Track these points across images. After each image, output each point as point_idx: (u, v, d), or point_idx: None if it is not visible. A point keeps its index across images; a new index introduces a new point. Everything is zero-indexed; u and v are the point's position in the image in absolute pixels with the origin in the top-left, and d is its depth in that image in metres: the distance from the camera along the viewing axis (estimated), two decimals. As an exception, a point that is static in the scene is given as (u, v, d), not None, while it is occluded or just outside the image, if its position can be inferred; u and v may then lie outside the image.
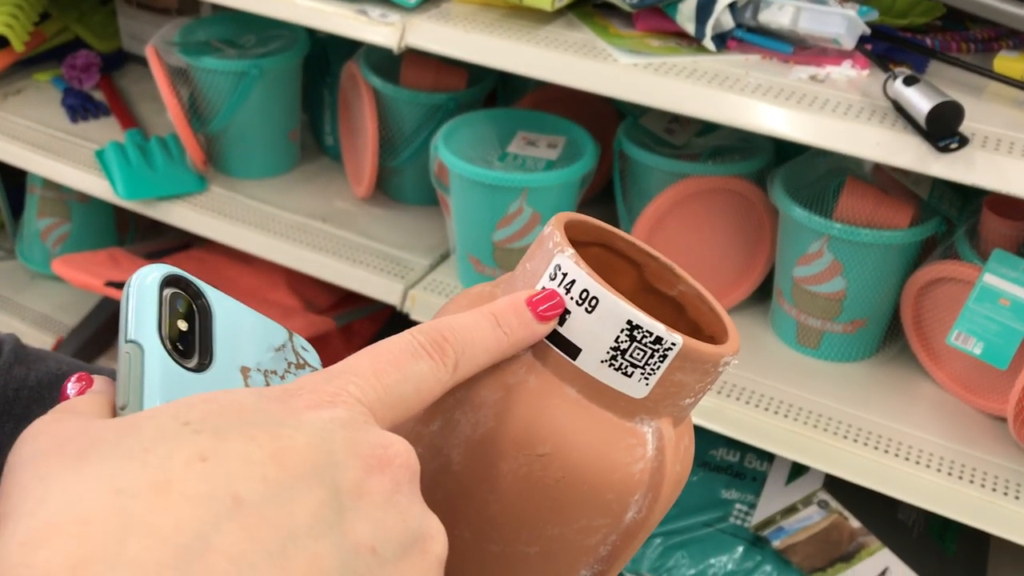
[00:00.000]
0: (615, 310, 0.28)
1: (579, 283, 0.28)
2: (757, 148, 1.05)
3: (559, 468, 0.28)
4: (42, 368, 0.42)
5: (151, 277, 0.27)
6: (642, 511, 0.29)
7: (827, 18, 0.87)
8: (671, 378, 0.29)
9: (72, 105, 1.40)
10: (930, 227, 0.94)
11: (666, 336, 0.28)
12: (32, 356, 0.42)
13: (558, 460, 0.28)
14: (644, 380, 0.28)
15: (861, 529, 1.04)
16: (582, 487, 0.28)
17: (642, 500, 0.29)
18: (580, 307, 0.28)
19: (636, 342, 0.28)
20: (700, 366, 0.29)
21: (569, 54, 0.89)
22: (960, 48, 0.93)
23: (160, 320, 0.26)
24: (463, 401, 0.29)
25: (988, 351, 0.87)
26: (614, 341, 0.28)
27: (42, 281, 1.55)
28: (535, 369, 0.29)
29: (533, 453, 0.28)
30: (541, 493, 0.28)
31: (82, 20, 1.51)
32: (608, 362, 0.28)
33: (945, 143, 0.76)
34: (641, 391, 0.29)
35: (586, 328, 0.28)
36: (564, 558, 0.29)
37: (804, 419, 0.94)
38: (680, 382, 0.29)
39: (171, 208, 1.22)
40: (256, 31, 1.28)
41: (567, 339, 0.29)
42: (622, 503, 0.29)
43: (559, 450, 0.28)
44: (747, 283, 1.07)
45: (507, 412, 0.29)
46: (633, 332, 0.28)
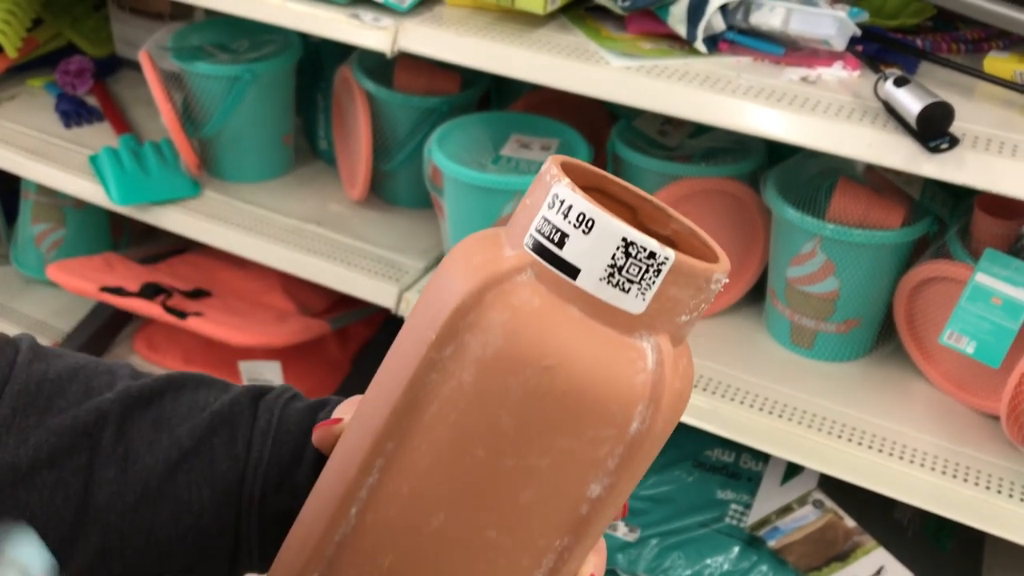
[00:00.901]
0: (610, 229, 0.30)
1: (576, 208, 0.30)
2: (750, 149, 1.05)
3: (565, 379, 0.30)
4: (60, 363, 0.43)
5: None
6: (646, 422, 0.30)
7: (818, 20, 0.87)
8: (666, 293, 0.30)
9: (66, 111, 1.40)
10: (922, 227, 0.94)
11: (659, 251, 0.30)
12: (49, 353, 0.44)
13: (563, 372, 0.30)
14: (641, 296, 0.30)
15: (856, 528, 1.04)
16: (588, 397, 0.30)
17: (645, 411, 0.30)
18: (577, 230, 0.30)
19: (632, 258, 0.30)
20: (693, 281, 0.30)
21: (561, 57, 0.90)
22: (950, 49, 0.94)
23: None
24: (473, 325, 0.31)
25: (981, 350, 0.87)
26: (611, 259, 0.30)
27: (37, 287, 1.55)
28: (539, 292, 0.31)
29: (540, 366, 0.30)
30: (550, 404, 0.30)
31: (75, 26, 1.51)
32: (606, 279, 0.30)
33: (936, 144, 0.76)
34: (638, 307, 0.30)
35: (584, 249, 0.30)
36: (575, 470, 0.31)
37: (798, 419, 0.94)
38: (675, 297, 0.31)
39: (165, 213, 1.22)
40: (249, 36, 1.28)
41: (567, 261, 0.31)
42: (626, 414, 0.30)
43: (564, 362, 0.30)
44: (741, 283, 1.08)
45: (514, 331, 0.31)
46: (628, 249, 0.30)
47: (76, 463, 0.41)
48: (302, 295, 1.37)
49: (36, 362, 0.43)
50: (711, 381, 0.98)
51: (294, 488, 0.42)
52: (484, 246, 0.33)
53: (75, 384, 0.43)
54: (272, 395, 0.45)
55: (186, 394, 0.44)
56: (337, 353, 1.42)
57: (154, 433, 0.42)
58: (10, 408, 0.41)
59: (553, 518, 0.32)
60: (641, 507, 1.19)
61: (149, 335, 1.45)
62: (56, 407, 0.42)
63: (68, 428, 0.41)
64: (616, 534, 1.17)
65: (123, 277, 1.30)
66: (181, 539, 0.42)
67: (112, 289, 1.26)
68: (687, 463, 1.21)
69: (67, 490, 0.40)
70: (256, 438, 0.43)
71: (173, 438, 0.42)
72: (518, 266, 0.31)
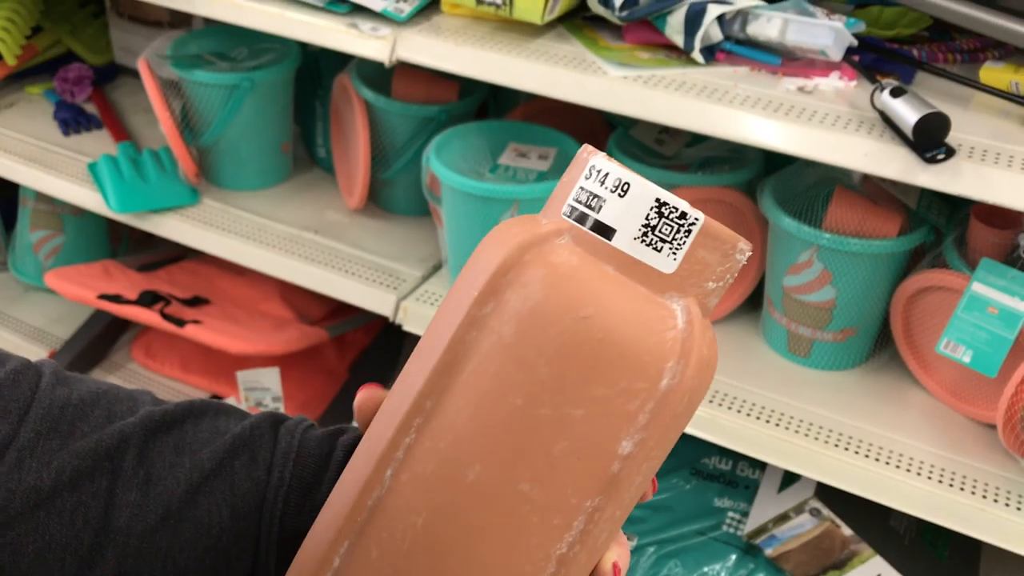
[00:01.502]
0: (645, 190, 0.32)
1: (612, 175, 0.33)
2: (747, 159, 1.05)
3: (600, 329, 0.32)
4: (82, 388, 0.44)
5: None
6: (676, 378, 0.32)
7: (814, 30, 0.88)
8: (695, 255, 0.32)
9: (64, 118, 1.41)
10: (919, 236, 0.95)
11: (690, 212, 0.32)
12: (71, 379, 0.45)
13: (599, 321, 0.32)
14: (672, 255, 0.32)
15: (853, 537, 1.04)
16: (622, 347, 0.32)
17: (675, 367, 0.32)
18: (613, 194, 0.32)
19: (664, 218, 0.32)
20: (720, 246, 0.33)
21: (559, 67, 0.90)
22: (947, 59, 0.94)
23: None
24: (513, 282, 0.33)
25: (977, 359, 0.87)
26: (644, 219, 0.32)
27: (35, 294, 1.55)
28: (576, 252, 0.33)
29: (577, 316, 0.32)
30: (586, 352, 0.32)
31: (74, 33, 1.52)
32: (640, 239, 0.32)
33: (932, 154, 0.77)
34: (670, 266, 0.32)
35: (620, 211, 0.32)
36: (607, 422, 0.32)
37: (795, 428, 0.94)
38: (703, 260, 0.33)
39: (164, 221, 1.22)
40: (248, 44, 1.29)
41: (603, 223, 0.33)
42: (657, 368, 0.32)
43: (600, 313, 0.32)
44: (737, 292, 1.08)
45: (553, 284, 0.32)
46: (661, 209, 0.32)
47: (97, 486, 0.41)
48: (300, 303, 1.37)
49: (59, 387, 0.43)
50: (708, 390, 0.98)
51: (314, 509, 0.42)
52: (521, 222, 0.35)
53: (97, 409, 0.43)
54: (291, 422, 0.46)
55: (207, 420, 0.45)
56: (335, 361, 1.42)
57: (176, 457, 0.43)
58: (34, 432, 0.41)
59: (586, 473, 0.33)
60: (638, 515, 1.19)
61: (147, 342, 1.45)
62: (79, 431, 0.42)
63: (91, 451, 0.42)
64: (613, 542, 1.17)
65: (121, 284, 1.30)
66: (199, 562, 0.42)
67: (110, 297, 1.26)
68: (684, 471, 1.21)
69: (87, 513, 0.41)
70: (277, 461, 0.43)
71: (195, 461, 0.43)
72: (557, 230, 0.33)
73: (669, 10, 0.90)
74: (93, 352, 1.45)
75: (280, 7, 1.01)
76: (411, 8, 0.97)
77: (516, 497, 0.33)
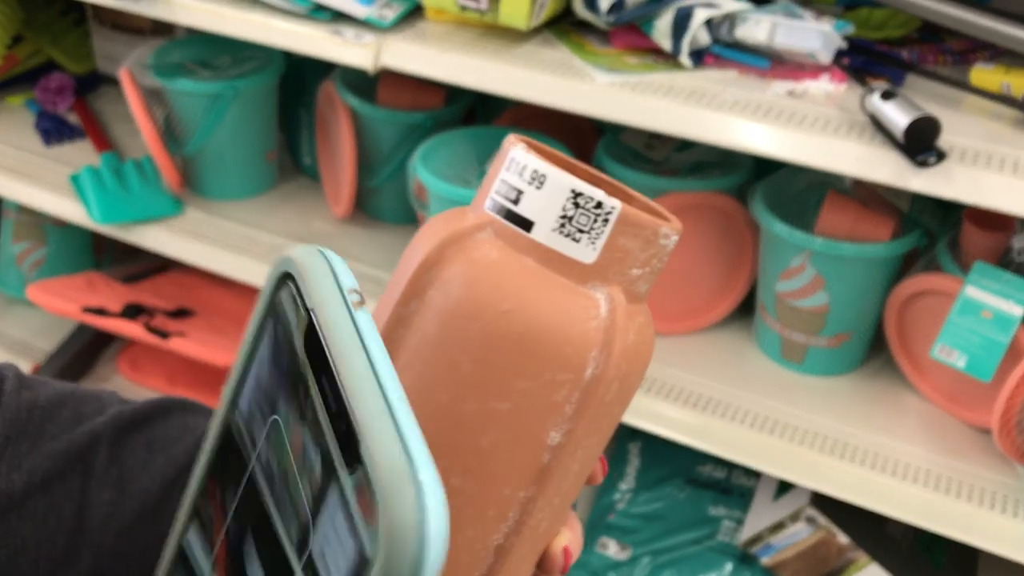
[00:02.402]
0: (561, 182, 0.32)
1: (529, 166, 0.33)
2: (737, 163, 1.04)
3: (521, 322, 0.32)
4: (48, 389, 0.44)
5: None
6: (600, 367, 0.32)
7: (803, 33, 0.87)
8: (615, 243, 0.32)
9: (46, 128, 1.39)
10: (911, 240, 0.94)
11: (606, 200, 0.32)
12: (35, 381, 0.45)
13: (520, 315, 0.32)
14: (591, 245, 0.32)
15: (849, 544, 1.03)
16: (544, 339, 0.32)
17: (599, 356, 0.32)
18: (531, 186, 0.33)
19: (581, 208, 0.32)
20: (640, 232, 0.33)
21: (546, 73, 0.89)
22: (937, 61, 0.93)
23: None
24: (435, 279, 0.33)
25: (972, 364, 0.86)
26: (562, 210, 0.32)
27: (18, 306, 1.53)
28: (496, 245, 0.33)
29: (498, 310, 0.32)
30: (508, 347, 0.32)
31: (55, 42, 1.50)
32: (558, 230, 0.32)
33: (923, 158, 0.76)
34: (590, 255, 0.32)
35: (537, 203, 0.32)
36: (533, 414, 0.32)
37: (790, 435, 0.93)
38: (624, 247, 0.33)
39: (147, 232, 1.20)
40: (231, 52, 1.27)
41: (522, 216, 0.33)
42: (581, 357, 0.32)
43: (520, 306, 0.32)
44: (730, 298, 1.07)
45: (473, 280, 0.32)
46: (577, 200, 0.32)
47: (69, 487, 0.41)
48: (287, 313, 1.35)
49: (24, 390, 0.43)
50: (701, 397, 0.97)
51: None
52: (448, 217, 0.35)
53: (65, 410, 0.43)
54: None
55: (175, 417, 0.45)
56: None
57: (148, 455, 0.43)
58: (3, 436, 0.41)
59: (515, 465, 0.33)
60: (633, 525, 1.18)
61: (133, 356, 1.43)
62: (48, 433, 0.42)
63: (62, 453, 0.41)
64: (608, 552, 1.16)
65: (105, 297, 1.29)
66: None
67: (94, 310, 1.24)
68: (679, 479, 1.20)
69: (60, 514, 0.41)
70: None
71: (169, 458, 0.43)
72: (477, 224, 0.33)
73: (656, 14, 0.89)
74: (78, 365, 1.43)
75: (263, 15, 0.99)
76: (395, 15, 0.96)
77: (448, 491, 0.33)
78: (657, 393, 0.98)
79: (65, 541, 0.41)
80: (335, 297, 0.26)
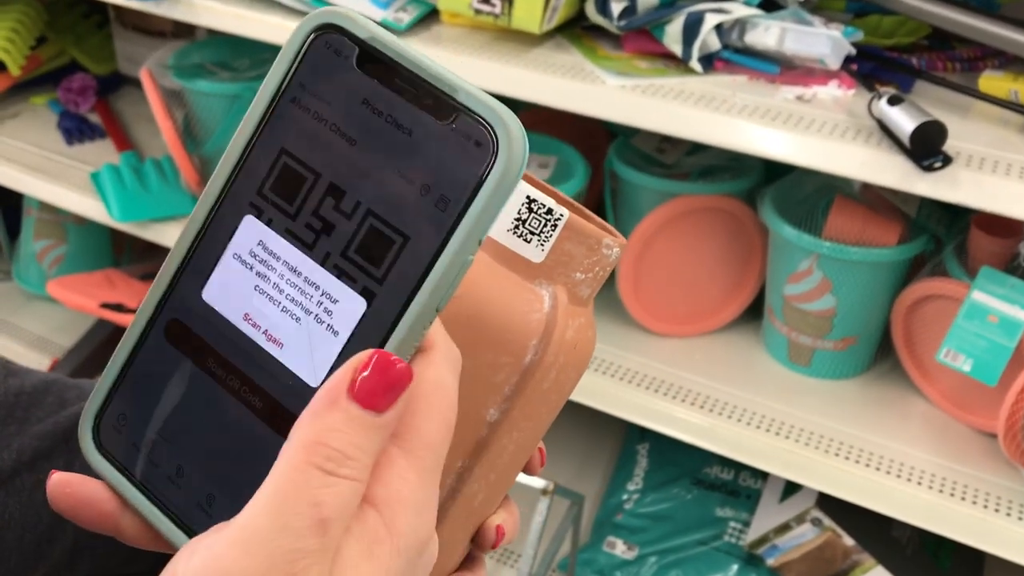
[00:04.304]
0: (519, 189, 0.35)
1: None
2: (747, 167, 1.05)
3: (470, 307, 0.35)
4: (33, 377, 0.46)
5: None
6: (538, 355, 0.35)
7: (813, 39, 0.88)
8: (562, 247, 0.36)
9: (68, 128, 1.41)
10: (919, 245, 0.95)
11: (555, 208, 0.36)
12: (19, 369, 0.47)
13: (470, 301, 0.35)
14: (540, 246, 0.36)
15: (855, 547, 1.04)
16: (490, 324, 0.35)
17: (538, 345, 0.35)
18: None
19: (533, 213, 0.36)
20: (584, 240, 0.36)
21: (558, 76, 0.90)
22: (946, 67, 0.94)
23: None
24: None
25: (977, 368, 0.87)
26: (517, 213, 0.36)
27: (38, 302, 1.56)
28: None
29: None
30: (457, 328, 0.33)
31: (78, 43, 1.52)
32: (512, 231, 0.36)
33: (929, 162, 0.77)
34: (538, 256, 0.36)
35: None
36: (475, 391, 0.35)
37: (796, 437, 0.94)
38: (569, 252, 0.36)
39: (166, 229, 1.22)
40: (250, 54, 1.29)
41: None
42: (522, 344, 0.35)
43: (471, 293, 0.35)
44: (738, 301, 1.08)
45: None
46: (531, 205, 0.36)
47: (55, 466, 0.43)
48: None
49: (11, 377, 0.45)
50: (708, 399, 0.98)
51: None
52: None
53: (50, 396, 0.46)
54: None
55: None
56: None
57: None
58: None
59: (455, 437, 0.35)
60: (640, 524, 1.19)
61: (149, 351, 1.45)
62: (34, 417, 0.44)
63: (48, 434, 0.44)
64: (615, 552, 1.17)
65: (123, 294, 1.31)
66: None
67: (112, 306, 1.26)
68: (686, 480, 1.21)
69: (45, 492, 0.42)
70: None
71: None
72: None
73: (667, 19, 0.90)
74: (96, 361, 1.45)
75: (282, 18, 1.01)
76: (410, 18, 0.98)
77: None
78: (665, 394, 0.99)
79: (50, 518, 0.42)
80: (378, 28, 0.30)
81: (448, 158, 0.29)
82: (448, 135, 0.29)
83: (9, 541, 0.42)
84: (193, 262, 0.32)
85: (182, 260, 0.32)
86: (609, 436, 1.33)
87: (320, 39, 0.31)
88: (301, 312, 0.30)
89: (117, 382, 0.32)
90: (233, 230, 0.31)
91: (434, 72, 0.29)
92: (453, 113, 0.29)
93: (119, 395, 0.32)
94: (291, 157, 0.31)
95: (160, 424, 0.31)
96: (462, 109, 0.29)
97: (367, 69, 0.30)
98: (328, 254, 0.30)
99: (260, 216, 0.31)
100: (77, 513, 0.31)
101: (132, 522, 0.31)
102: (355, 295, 0.29)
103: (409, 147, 0.29)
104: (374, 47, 0.30)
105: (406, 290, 0.29)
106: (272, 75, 0.32)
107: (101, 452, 0.32)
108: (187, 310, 0.31)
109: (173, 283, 0.32)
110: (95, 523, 0.31)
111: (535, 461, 0.39)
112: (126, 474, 0.31)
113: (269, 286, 0.30)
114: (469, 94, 0.29)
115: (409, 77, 0.29)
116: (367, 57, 0.30)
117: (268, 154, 0.31)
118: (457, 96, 0.29)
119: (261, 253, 0.31)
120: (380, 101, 0.29)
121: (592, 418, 1.13)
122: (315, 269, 0.30)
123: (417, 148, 0.29)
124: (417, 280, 0.29)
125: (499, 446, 0.36)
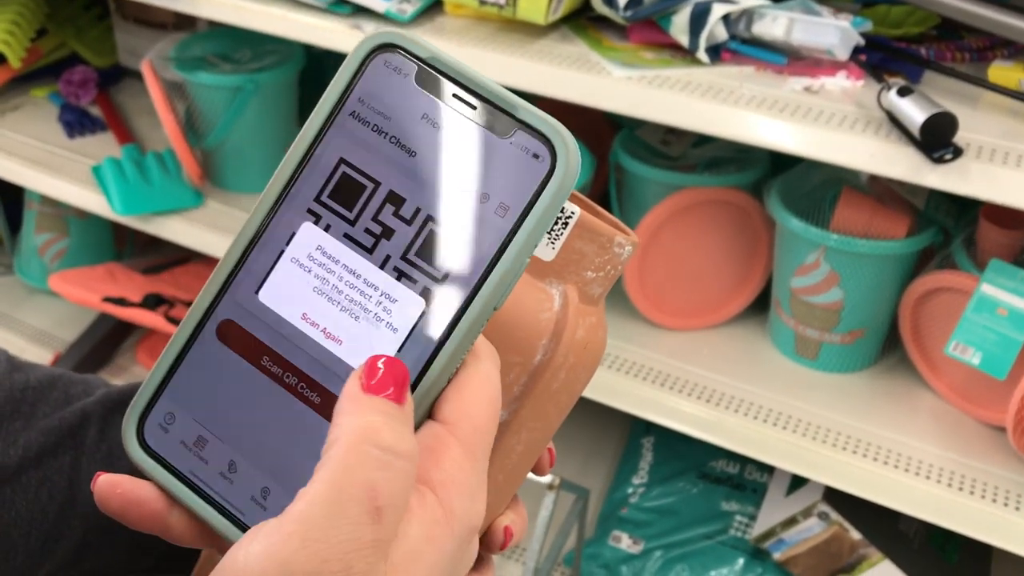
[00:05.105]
0: None
1: None
2: (753, 159, 1.04)
3: None
4: (38, 372, 0.46)
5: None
6: (548, 354, 0.35)
7: (821, 29, 0.87)
8: (572, 246, 0.36)
9: (69, 121, 1.41)
10: (927, 237, 0.94)
11: (567, 205, 0.35)
12: (25, 364, 0.47)
13: None
14: (551, 244, 0.36)
15: (862, 541, 1.03)
16: (501, 323, 0.34)
17: (548, 345, 0.35)
18: None
19: None
20: (596, 238, 0.36)
21: (563, 67, 0.89)
22: (955, 58, 0.93)
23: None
24: None
25: (986, 361, 0.86)
26: None
27: (40, 296, 1.55)
28: None
29: None
30: None
31: (79, 36, 1.51)
32: None
33: (939, 154, 0.76)
34: (549, 254, 0.36)
35: None
36: None
37: (803, 431, 0.93)
38: (581, 250, 0.36)
39: (168, 223, 1.22)
40: (251, 46, 1.28)
41: None
42: (531, 344, 0.35)
43: None
44: (745, 294, 1.07)
45: None
46: None
47: (61, 462, 0.43)
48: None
49: (16, 372, 0.45)
50: (715, 392, 0.98)
51: None
52: None
53: (55, 391, 0.45)
54: None
55: None
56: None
57: None
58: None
59: None
60: (646, 519, 1.18)
61: (152, 345, 1.45)
62: (40, 412, 0.44)
63: (54, 429, 0.44)
64: (620, 546, 1.16)
65: (125, 287, 1.30)
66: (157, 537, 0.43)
67: (114, 299, 1.26)
68: (691, 474, 1.20)
69: (52, 488, 0.42)
70: None
71: None
72: None
73: (674, 10, 0.89)
74: (98, 355, 1.45)
75: (283, 9, 1.00)
76: (414, 9, 0.97)
77: None
78: (671, 388, 0.98)
79: (57, 513, 0.42)
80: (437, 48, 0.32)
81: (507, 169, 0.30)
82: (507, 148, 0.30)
83: (16, 538, 0.42)
84: (247, 266, 0.33)
85: (235, 265, 0.33)
86: (614, 430, 1.33)
87: (379, 57, 0.32)
88: (360, 311, 0.31)
89: (164, 383, 0.33)
90: (291, 236, 0.32)
91: (493, 90, 0.31)
92: (512, 128, 0.30)
93: (167, 395, 0.33)
94: (350, 167, 0.32)
95: (212, 421, 0.32)
96: (521, 125, 0.30)
97: (426, 86, 0.31)
98: (388, 257, 0.31)
99: (318, 222, 0.32)
100: (125, 513, 0.31)
101: (179, 520, 0.31)
102: (414, 295, 0.31)
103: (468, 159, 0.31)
104: (434, 66, 0.31)
105: (465, 290, 0.30)
106: (331, 90, 0.32)
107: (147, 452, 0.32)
108: (242, 311, 0.32)
109: (225, 287, 0.33)
110: (143, 522, 0.31)
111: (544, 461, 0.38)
112: (175, 472, 0.32)
113: (328, 287, 0.31)
114: (528, 111, 0.30)
115: (467, 95, 0.31)
116: (426, 75, 0.31)
117: (326, 164, 0.32)
118: (517, 113, 0.30)
119: (320, 257, 0.32)
120: (439, 116, 0.31)
121: (597, 412, 1.12)
122: (374, 271, 0.31)
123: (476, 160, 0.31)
124: (477, 281, 0.30)
125: (508, 446, 0.36)
